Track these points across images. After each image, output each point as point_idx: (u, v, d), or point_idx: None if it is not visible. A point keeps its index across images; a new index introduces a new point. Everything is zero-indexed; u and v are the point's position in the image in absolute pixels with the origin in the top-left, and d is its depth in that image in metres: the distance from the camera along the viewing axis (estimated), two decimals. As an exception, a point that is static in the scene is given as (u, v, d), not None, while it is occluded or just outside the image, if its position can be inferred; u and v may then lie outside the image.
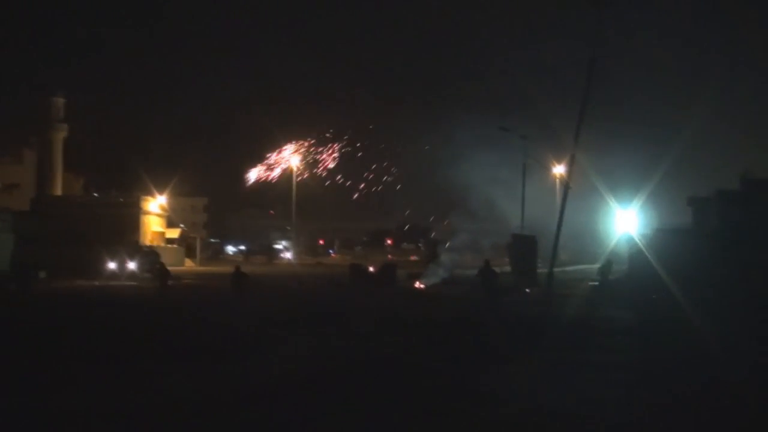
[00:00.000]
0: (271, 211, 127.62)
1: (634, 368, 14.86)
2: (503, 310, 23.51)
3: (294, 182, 78.67)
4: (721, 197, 36.63)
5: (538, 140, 55.37)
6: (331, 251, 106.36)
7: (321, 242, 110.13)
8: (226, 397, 11.69)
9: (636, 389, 12.67)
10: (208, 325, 21.32)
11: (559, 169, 79.25)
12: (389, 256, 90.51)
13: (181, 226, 76.36)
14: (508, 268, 45.89)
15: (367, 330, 20.59)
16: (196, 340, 18.27)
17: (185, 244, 69.68)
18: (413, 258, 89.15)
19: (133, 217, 63.87)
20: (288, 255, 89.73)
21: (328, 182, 75.02)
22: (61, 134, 69.40)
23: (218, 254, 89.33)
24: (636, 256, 36.54)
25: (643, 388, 12.80)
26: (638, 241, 39.18)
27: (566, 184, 26.30)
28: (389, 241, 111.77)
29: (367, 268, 47.43)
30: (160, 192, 68.76)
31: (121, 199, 65.98)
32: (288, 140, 76.37)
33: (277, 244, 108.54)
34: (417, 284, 42.31)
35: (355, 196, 72.11)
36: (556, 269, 49.42)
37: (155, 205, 68.62)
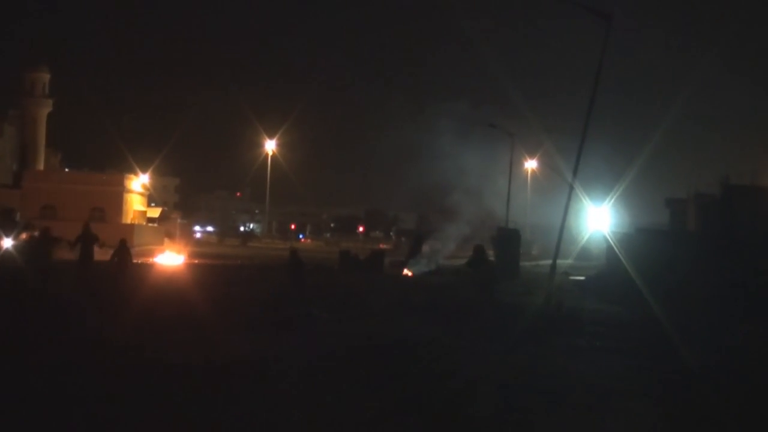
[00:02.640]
0: (239, 193, 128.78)
1: (626, 352, 16.70)
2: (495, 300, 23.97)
3: (269, 167, 79.79)
4: (699, 200, 38.63)
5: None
6: (301, 236, 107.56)
7: (293, 227, 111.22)
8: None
9: (636, 368, 14.65)
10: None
11: (531, 164, 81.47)
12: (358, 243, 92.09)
13: (152, 204, 77.40)
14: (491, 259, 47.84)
15: (385, 312, 22.20)
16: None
17: (166, 224, 70.95)
18: (383, 246, 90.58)
19: (116, 195, 64.93)
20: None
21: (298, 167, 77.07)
22: (45, 110, 70.09)
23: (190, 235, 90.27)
24: (612, 253, 38.31)
25: (639, 367, 14.82)
26: (609, 239, 41.06)
27: (569, 191, 27.54)
28: (361, 229, 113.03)
29: (357, 255, 48.97)
30: (143, 171, 69.91)
31: (105, 177, 67.07)
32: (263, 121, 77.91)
33: (244, 226, 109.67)
34: (405, 272, 44.00)
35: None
36: (529, 263, 51.48)
37: (137, 183, 69.72)
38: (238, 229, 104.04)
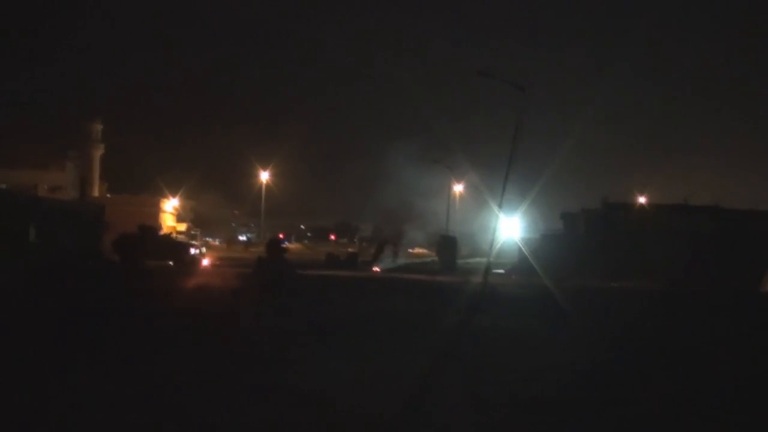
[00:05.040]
0: (236, 211, 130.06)
1: (536, 316, 19.36)
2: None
3: (263, 191, 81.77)
4: (586, 213, 41.79)
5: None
6: (286, 242, 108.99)
7: (282, 236, 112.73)
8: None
9: (544, 323, 17.59)
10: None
11: (458, 187, 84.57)
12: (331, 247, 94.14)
13: (172, 222, 79.07)
14: (435, 258, 50.94)
15: (375, 294, 24.41)
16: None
17: (189, 235, 72.85)
18: (350, 249, 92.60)
19: (154, 215, 67.00)
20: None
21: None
22: (99, 152, 72.72)
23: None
24: (522, 252, 41.25)
25: (545, 322, 17.75)
26: (518, 242, 44.10)
27: (498, 212, 29.89)
28: (333, 236, 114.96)
29: (338, 257, 51.47)
30: (173, 195, 72.18)
31: (145, 199, 69.32)
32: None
33: (243, 236, 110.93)
34: (374, 269, 46.55)
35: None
36: (461, 260, 54.24)
37: (170, 205, 71.96)
38: (238, 238, 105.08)
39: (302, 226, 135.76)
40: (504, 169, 27.90)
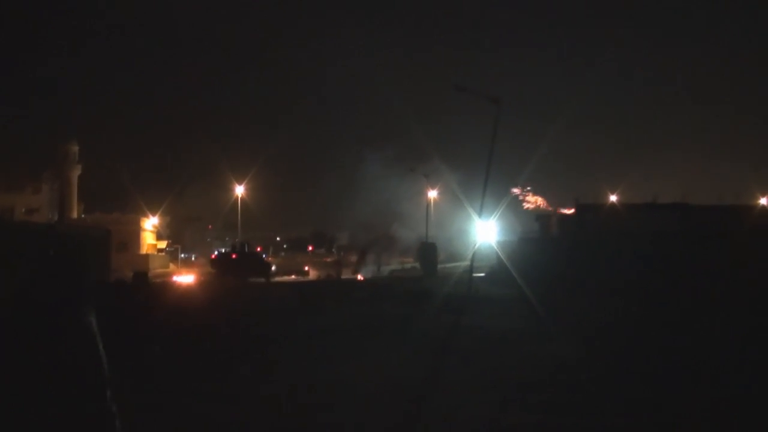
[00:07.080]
0: (210, 226, 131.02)
1: (518, 315, 21.57)
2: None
3: (239, 205, 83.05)
4: (559, 215, 43.85)
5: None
6: (264, 255, 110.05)
7: (259, 249, 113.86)
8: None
9: (526, 321, 19.72)
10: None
11: (433, 193, 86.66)
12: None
13: (152, 240, 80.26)
14: (417, 265, 52.86)
15: (366, 301, 26.33)
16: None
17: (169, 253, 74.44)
18: (327, 259, 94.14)
19: (135, 233, 68.45)
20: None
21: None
22: (76, 173, 73.94)
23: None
24: (498, 256, 43.04)
25: (527, 321, 19.87)
26: (494, 246, 45.99)
27: (477, 219, 31.70)
28: (310, 248, 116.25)
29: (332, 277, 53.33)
30: (153, 213, 73.43)
31: (126, 218, 70.51)
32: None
33: (218, 251, 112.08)
34: (359, 277, 48.61)
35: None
36: (439, 266, 56.11)
37: (149, 223, 73.27)
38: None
39: (278, 238, 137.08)
40: (481, 173, 29.84)
